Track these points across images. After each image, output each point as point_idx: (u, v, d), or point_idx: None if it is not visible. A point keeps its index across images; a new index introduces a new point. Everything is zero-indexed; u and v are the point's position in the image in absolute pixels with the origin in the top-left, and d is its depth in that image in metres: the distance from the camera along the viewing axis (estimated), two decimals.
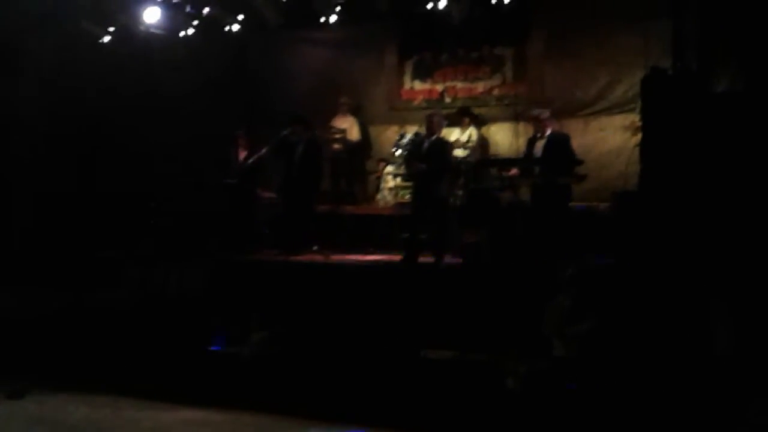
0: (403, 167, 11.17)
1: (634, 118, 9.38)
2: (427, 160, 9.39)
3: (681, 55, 8.30)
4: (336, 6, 11.82)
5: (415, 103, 12.62)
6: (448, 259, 9.35)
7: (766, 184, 7.06)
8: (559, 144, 9.42)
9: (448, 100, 12.37)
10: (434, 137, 9.56)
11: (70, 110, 11.91)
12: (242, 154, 11.12)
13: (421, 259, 9.31)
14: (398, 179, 11.54)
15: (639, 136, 8.00)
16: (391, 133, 12.47)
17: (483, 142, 11.93)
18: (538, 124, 9.66)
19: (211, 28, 12.32)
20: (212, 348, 8.34)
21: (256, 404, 7.47)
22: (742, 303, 6.73)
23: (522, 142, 10.42)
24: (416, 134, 10.75)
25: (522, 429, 6.67)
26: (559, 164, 9.25)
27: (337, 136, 12.14)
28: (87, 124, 11.91)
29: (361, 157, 12.70)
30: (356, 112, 12.60)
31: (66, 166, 11.80)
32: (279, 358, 8.04)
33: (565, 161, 9.27)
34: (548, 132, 9.55)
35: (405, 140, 11.37)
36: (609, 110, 11.33)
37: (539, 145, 9.53)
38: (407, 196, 10.80)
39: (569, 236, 8.58)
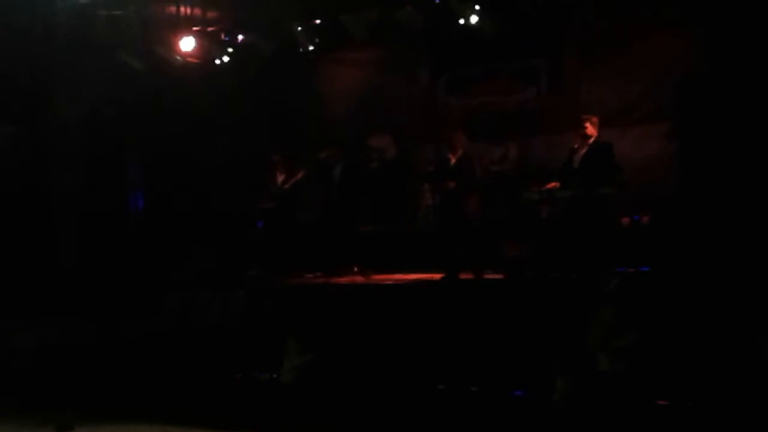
0: None
1: (672, 125, 9.24)
2: (455, 177, 9.34)
3: (718, 61, 8.19)
4: (367, 26, 11.84)
5: (451, 118, 12.56)
6: (490, 274, 9.28)
7: None
8: (603, 153, 9.25)
9: (483, 114, 12.32)
10: (460, 153, 9.51)
11: (107, 137, 12.09)
12: (280, 178, 11.17)
13: (463, 276, 9.26)
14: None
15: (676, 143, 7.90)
16: (427, 150, 12.42)
17: (521, 156, 11.84)
18: (585, 130, 9.45)
19: (245, 54, 12.42)
20: (255, 374, 8.35)
21: (299, 430, 7.46)
22: None
23: (559, 154, 10.31)
24: (440, 152, 10.67)
25: None
26: (599, 174, 9.09)
27: (374, 155, 12.14)
28: (124, 151, 12.06)
29: (398, 176, 12.68)
30: (392, 130, 12.59)
31: (106, 193, 11.96)
32: (316, 384, 8.02)
33: (605, 171, 9.10)
34: (591, 141, 9.39)
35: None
36: (647, 118, 11.18)
37: (580, 155, 9.37)
38: None
39: (612, 247, 8.47)
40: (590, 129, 9.35)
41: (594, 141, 9.36)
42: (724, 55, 8.10)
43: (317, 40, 12.19)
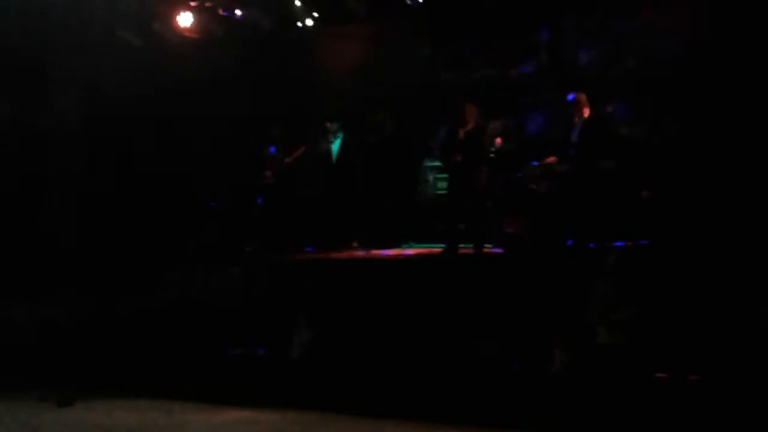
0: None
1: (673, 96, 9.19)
2: (463, 150, 9.31)
3: (721, 29, 8.13)
4: (366, 0, 11.79)
5: (451, 93, 12.51)
6: (489, 249, 9.29)
7: None
8: (598, 126, 9.22)
9: (484, 88, 12.27)
10: (469, 126, 9.48)
11: (107, 115, 12.07)
12: (279, 153, 11.15)
13: (462, 251, 9.26)
14: (437, 171, 11.48)
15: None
16: (428, 124, 12.38)
17: (521, 130, 11.80)
18: (573, 108, 9.47)
19: (243, 29, 12.36)
20: (253, 350, 8.38)
21: (304, 403, 7.51)
22: None
23: (560, 128, 10.27)
24: (450, 125, 10.65)
25: (568, 417, 6.61)
26: (597, 148, 9.06)
27: (374, 130, 12.11)
28: (124, 128, 12.05)
29: (399, 150, 12.64)
30: (392, 105, 12.54)
31: (105, 170, 11.95)
32: (326, 358, 8.06)
33: (604, 144, 9.07)
34: (585, 116, 9.36)
35: (442, 131, 11.30)
36: (646, 89, 11.13)
37: (577, 129, 9.34)
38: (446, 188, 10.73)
39: (611, 221, 8.46)
40: (577, 109, 9.33)
41: (590, 114, 9.32)
42: (727, 23, 8.02)
43: (316, 15, 12.16)
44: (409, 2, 11.76)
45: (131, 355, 8.67)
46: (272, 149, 11.32)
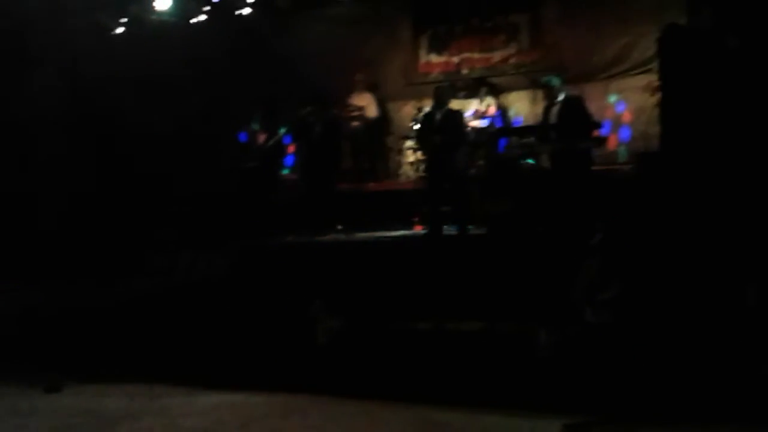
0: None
1: (653, 78, 9.27)
2: (441, 132, 9.34)
3: (697, 12, 8.19)
4: None
5: (432, 76, 12.54)
6: (473, 230, 9.33)
7: None
8: (573, 107, 9.31)
9: (465, 71, 12.31)
10: (445, 108, 9.51)
11: (87, 98, 11.95)
12: (261, 137, 11.11)
13: (446, 232, 9.30)
14: (418, 153, 11.49)
15: (658, 96, 7.93)
16: (409, 108, 12.41)
17: (503, 111, 11.85)
18: (549, 91, 9.57)
19: (222, 12, 12.28)
20: (240, 333, 8.36)
21: (296, 387, 7.50)
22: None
23: (541, 109, 10.34)
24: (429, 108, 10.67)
25: (553, 397, 6.66)
26: (576, 128, 9.15)
27: (356, 113, 12.12)
28: (105, 112, 11.94)
29: (380, 134, 12.66)
30: (373, 88, 12.55)
31: (86, 154, 11.86)
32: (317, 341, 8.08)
33: (582, 125, 9.17)
34: (561, 97, 9.44)
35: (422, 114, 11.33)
36: (627, 72, 11.23)
37: (554, 111, 9.44)
38: None
39: (593, 201, 8.53)
40: (552, 92, 9.45)
41: (565, 97, 9.40)
42: (707, 7, 8.08)
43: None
44: None
45: (120, 341, 8.62)
46: (243, 136, 11.27)
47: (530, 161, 9.64)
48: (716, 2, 8.03)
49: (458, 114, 9.77)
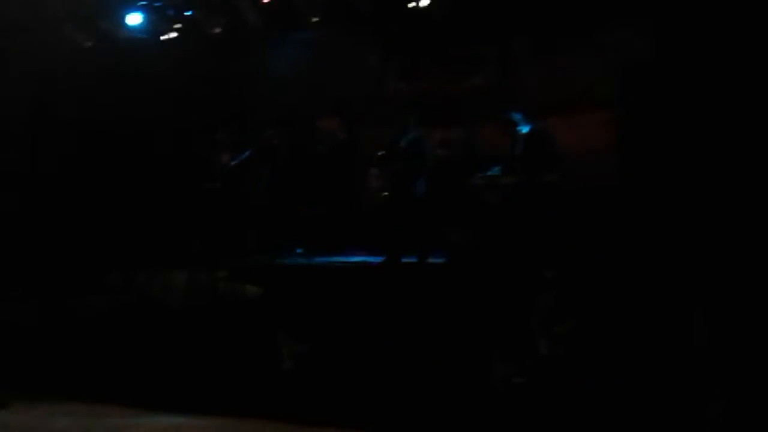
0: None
1: (614, 113, 9.36)
2: (404, 158, 9.34)
3: (660, 51, 8.31)
4: (317, 7, 11.73)
5: (400, 103, 12.54)
6: (433, 259, 9.32)
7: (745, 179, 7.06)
8: (542, 139, 9.36)
9: (432, 100, 12.33)
10: (410, 135, 9.52)
11: (55, 115, 11.85)
12: (225, 157, 11.05)
13: (405, 260, 9.28)
14: (382, 179, 11.47)
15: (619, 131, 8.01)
16: (376, 133, 12.39)
17: (468, 142, 11.88)
18: (510, 126, 9.63)
19: (192, 31, 12.22)
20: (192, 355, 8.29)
21: (248, 411, 7.43)
22: (720, 300, 6.72)
23: (506, 141, 10.38)
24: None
25: (510, 428, 6.65)
26: (540, 161, 9.19)
27: (322, 137, 12.09)
28: (66, 127, 11.83)
29: (346, 158, 12.63)
30: (341, 112, 12.53)
31: (44, 170, 11.72)
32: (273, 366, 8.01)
33: (546, 158, 9.21)
34: (526, 130, 9.47)
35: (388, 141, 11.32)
36: (592, 107, 11.29)
37: (520, 143, 9.48)
38: None
39: (554, 234, 8.56)
40: (512, 127, 9.52)
41: (532, 128, 9.45)
42: (671, 44, 8.20)
43: (266, 19, 12.06)
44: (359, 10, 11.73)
45: (71, 360, 8.51)
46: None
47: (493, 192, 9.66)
48: (681, 41, 8.17)
49: (423, 141, 9.78)
